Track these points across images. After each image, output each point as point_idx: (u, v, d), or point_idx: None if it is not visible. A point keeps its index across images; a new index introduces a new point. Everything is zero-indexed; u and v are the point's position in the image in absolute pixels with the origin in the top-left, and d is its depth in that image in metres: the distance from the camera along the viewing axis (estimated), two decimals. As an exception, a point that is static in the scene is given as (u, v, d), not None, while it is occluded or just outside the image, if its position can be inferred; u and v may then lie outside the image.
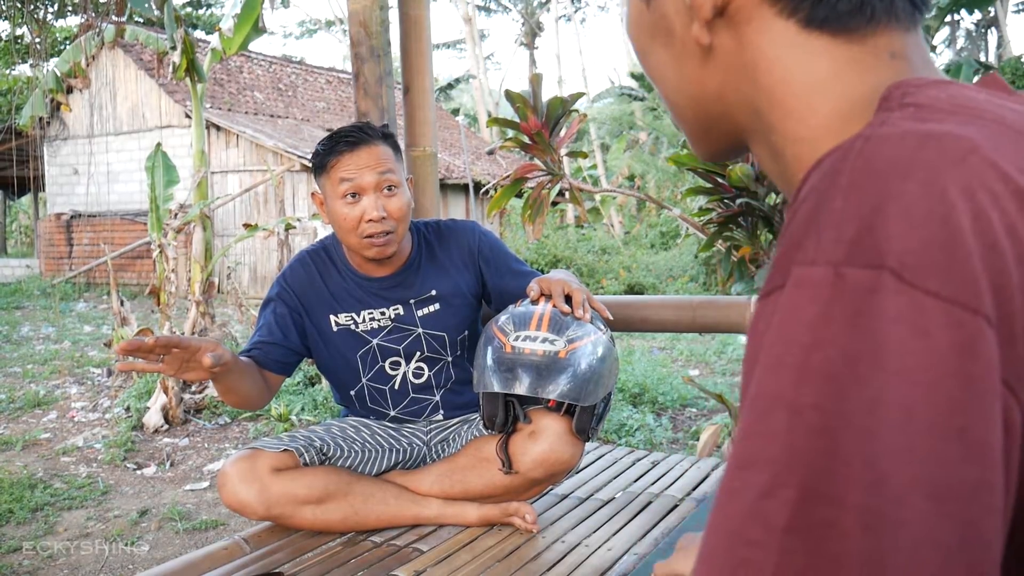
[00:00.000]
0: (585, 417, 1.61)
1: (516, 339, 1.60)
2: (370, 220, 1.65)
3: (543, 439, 1.63)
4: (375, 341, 1.77)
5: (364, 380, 1.79)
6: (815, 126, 0.47)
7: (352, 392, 1.82)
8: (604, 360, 1.61)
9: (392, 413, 1.81)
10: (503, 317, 1.67)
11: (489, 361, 1.62)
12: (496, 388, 1.59)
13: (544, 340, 1.58)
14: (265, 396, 1.69)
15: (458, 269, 1.82)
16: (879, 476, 0.33)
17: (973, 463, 0.34)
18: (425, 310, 1.78)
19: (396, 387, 1.80)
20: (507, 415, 1.65)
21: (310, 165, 1.96)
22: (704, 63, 0.51)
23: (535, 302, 1.67)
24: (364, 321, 1.77)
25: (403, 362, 1.78)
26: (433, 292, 1.79)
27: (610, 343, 1.67)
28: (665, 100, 0.57)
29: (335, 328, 1.77)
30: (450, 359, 1.81)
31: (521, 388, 1.57)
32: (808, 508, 0.34)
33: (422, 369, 1.80)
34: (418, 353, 1.78)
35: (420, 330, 1.78)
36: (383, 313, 1.77)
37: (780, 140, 0.49)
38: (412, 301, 1.78)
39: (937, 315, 0.34)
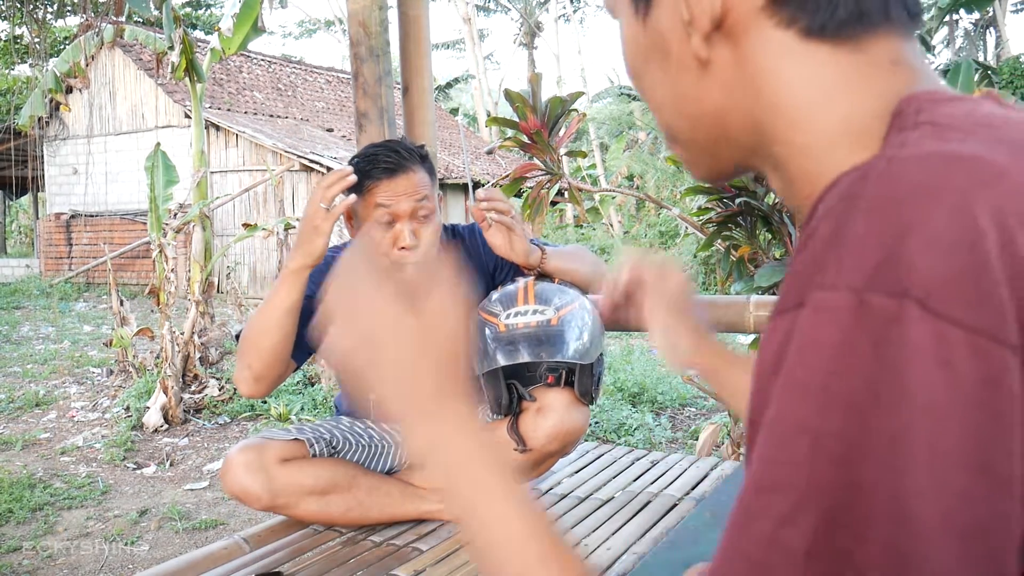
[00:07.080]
0: (586, 380, 1.66)
1: (507, 317, 1.64)
2: (402, 248, 1.64)
3: (552, 413, 1.65)
4: None
5: None
6: (820, 136, 0.46)
7: None
8: (594, 320, 1.68)
9: None
10: (488, 301, 1.70)
11: (488, 343, 1.65)
12: (502, 362, 1.63)
13: (534, 312, 1.63)
14: (287, 360, 1.59)
15: (470, 274, 1.82)
16: (902, 510, 0.33)
17: (997, 497, 0.33)
18: None
19: None
20: (511, 396, 1.67)
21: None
22: (702, 79, 0.50)
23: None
24: None
25: None
26: None
27: (591, 304, 1.72)
28: (662, 124, 0.55)
29: None
30: None
31: (525, 359, 1.61)
32: (829, 538, 0.34)
33: None
34: None
35: None
36: None
37: (784, 152, 0.48)
38: None
39: (961, 345, 0.34)
